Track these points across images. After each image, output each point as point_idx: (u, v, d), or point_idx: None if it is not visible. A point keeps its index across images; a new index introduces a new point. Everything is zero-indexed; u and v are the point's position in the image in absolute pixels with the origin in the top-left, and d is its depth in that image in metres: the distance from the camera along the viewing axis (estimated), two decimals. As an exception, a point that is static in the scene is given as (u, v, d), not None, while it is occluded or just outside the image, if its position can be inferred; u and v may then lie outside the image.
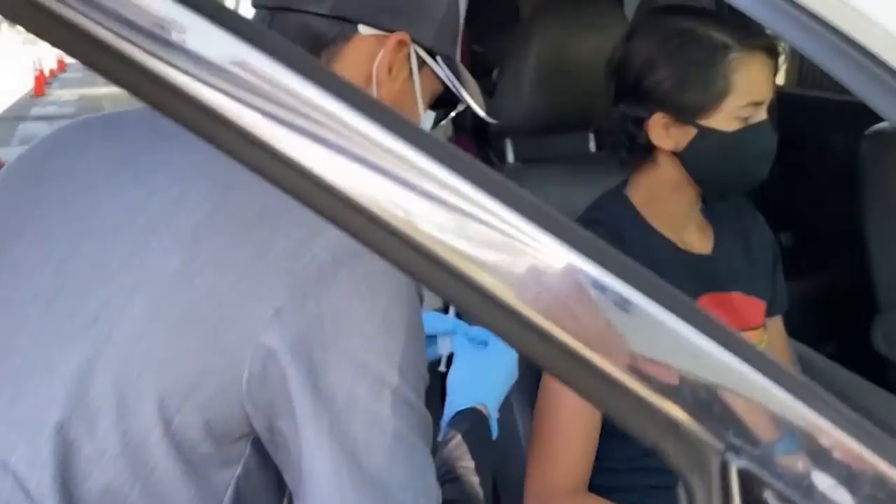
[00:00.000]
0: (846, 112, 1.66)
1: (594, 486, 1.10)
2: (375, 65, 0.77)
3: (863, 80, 0.67)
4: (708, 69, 1.05)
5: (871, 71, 0.66)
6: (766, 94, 1.07)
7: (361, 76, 0.78)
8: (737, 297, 1.18)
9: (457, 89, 0.84)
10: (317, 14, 0.75)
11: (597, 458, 1.08)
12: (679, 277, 1.12)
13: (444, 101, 0.88)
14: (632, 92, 1.11)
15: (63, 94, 12.37)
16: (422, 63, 0.81)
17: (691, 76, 1.05)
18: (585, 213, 1.20)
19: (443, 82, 0.83)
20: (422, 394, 0.69)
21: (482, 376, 0.94)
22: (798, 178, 2.01)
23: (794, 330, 1.47)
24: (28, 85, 12.43)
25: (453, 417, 0.88)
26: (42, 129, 9.27)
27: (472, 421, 0.87)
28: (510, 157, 1.51)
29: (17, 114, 10.34)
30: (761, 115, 1.08)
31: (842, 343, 2.24)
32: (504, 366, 0.97)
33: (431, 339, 1.04)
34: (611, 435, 1.10)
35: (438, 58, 0.82)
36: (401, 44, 0.78)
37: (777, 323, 1.29)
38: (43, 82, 12.69)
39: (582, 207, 1.38)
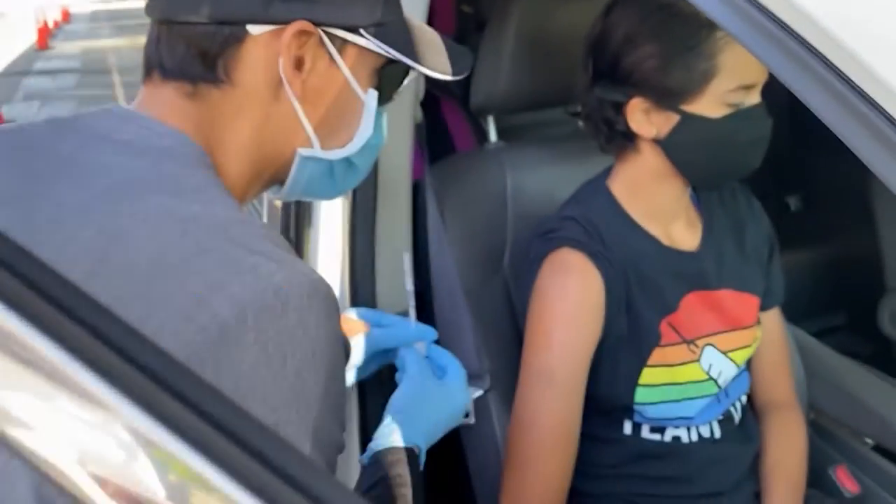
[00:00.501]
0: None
1: (578, 493, 1.06)
2: (280, 65, 0.70)
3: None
4: (692, 49, 0.95)
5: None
6: (758, 76, 0.97)
7: (270, 80, 0.71)
8: (726, 296, 1.09)
9: (392, 55, 0.75)
10: (198, 23, 0.68)
11: (582, 462, 1.03)
12: (663, 277, 1.04)
13: (394, 67, 0.80)
14: (609, 73, 1.01)
15: (67, 48, 12.20)
16: (342, 42, 0.73)
17: (674, 56, 0.95)
18: (562, 210, 1.12)
19: (383, 52, 0.75)
20: (335, 462, 0.63)
21: (429, 412, 0.89)
22: (809, 139, 1.90)
23: (799, 301, 1.39)
24: (31, 38, 12.26)
25: (380, 453, 0.83)
26: (46, 85, 9.22)
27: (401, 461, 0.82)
28: (493, 136, 1.41)
29: (21, 68, 10.21)
30: (753, 98, 0.98)
31: (848, 316, 2.16)
32: (455, 407, 0.92)
33: (389, 352, 0.97)
34: (596, 440, 1.05)
35: (363, 31, 0.73)
36: (302, 33, 0.70)
37: (773, 316, 1.21)
38: (47, 34, 12.48)
39: (562, 193, 1.30)
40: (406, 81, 0.83)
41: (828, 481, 1.28)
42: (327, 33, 0.72)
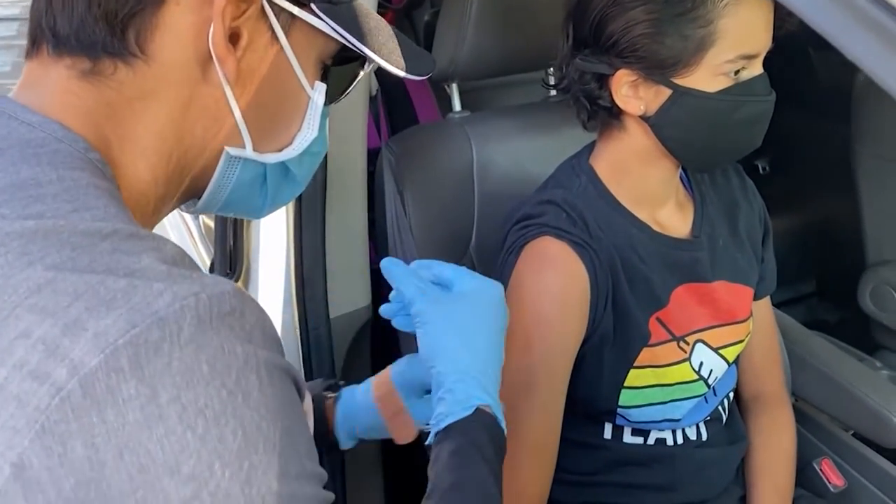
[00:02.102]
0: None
1: (551, 502, 0.95)
2: (210, 36, 0.55)
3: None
4: (687, 13, 0.83)
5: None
6: (761, 45, 0.86)
7: (195, 57, 0.55)
8: (719, 288, 1.00)
9: (351, 42, 0.61)
10: None
11: (559, 470, 0.93)
12: (653, 268, 0.94)
13: (345, 60, 0.66)
14: (592, 41, 0.89)
15: (2, -2, 11.59)
16: (289, 18, 0.59)
17: (665, 22, 0.83)
18: (541, 192, 1.00)
19: (336, 35, 0.61)
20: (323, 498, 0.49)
21: (467, 335, 0.70)
22: (784, 99, 1.82)
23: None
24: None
25: (445, 431, 0.66)
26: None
27: (468, 436, 0.66)
28: (456, 105, 1.29)
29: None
30: (755, 69, 0.86)
31: (817, 284, 2.12)
32: (485, 307, 0.72)
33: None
34: (573, 444, 0.95)
35: (314, 5, 0.59)
36: None
37: (764, 304, 1.12)
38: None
39: (534, 167, 1.19)
40: (358, 79, 0.69)
41: (812, 475, 1.22)
42: (272, 3, 0.57)
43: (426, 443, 0.69)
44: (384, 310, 0.77)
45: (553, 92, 1.34)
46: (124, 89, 0.55)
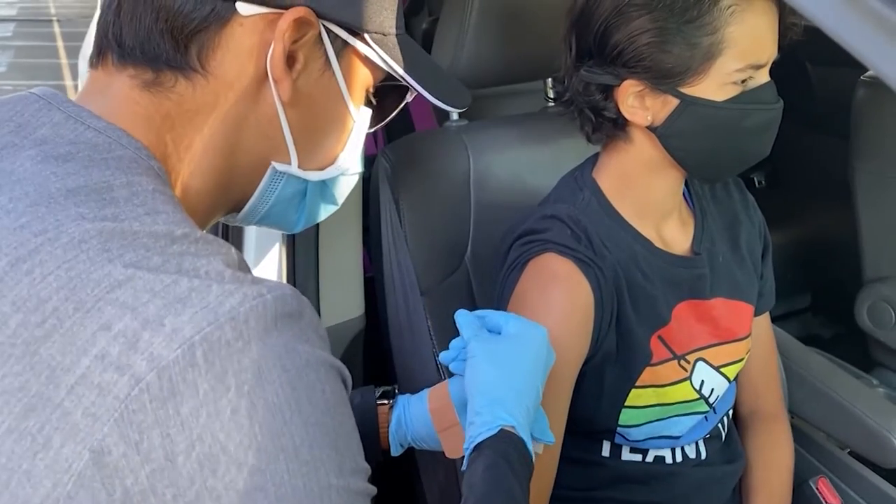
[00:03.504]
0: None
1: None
2: (268, 56, 0.57)
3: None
4: (693, 21, 0.81)
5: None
6: (768, 53, 0.84)
7: (252, 76, 0.58)
8: (718, 305, 0.98)
9: (395, 70, 0.64)
10: None
11: (556, 486, 0.91)
12: (656, 286, 0.92)
13: (389, 87, 0.69)
14: (596, 51, 0.88)
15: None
16: (342, 45, 0.61)
17: (672, 30, 0.82)
18: (544, 206, 0.98)
19: (385, 65, 0.64)
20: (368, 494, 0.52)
21: (504, 372, 0.72)
22: (781, 114, 1.82)
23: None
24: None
25: (475, 450, 0.68)
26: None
27: (497, 451, 0.67)
28: (454, 114, 1.27)
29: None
30: (762, 77, 0.85)
31: (812, 299, 2.12)
32: (531, 349, 0.74)
33: None
34: (569, 461, 0.93)
35: (367, 35, 0.62)
36: (302, 23, 0.57)
37: (763, 321, 1.11)
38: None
39: (532, 178, 1.18)
40: (401, 107, 0.72)
41: (808, 493, 1.20)
42: (328, 30, 0.60)
43: (461, 469, 0.71)
44: (444, 357, 0.80)
45: (552, 102, 1.33)
46: (183, 101, 0.57)
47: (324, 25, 0.59)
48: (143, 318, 0.45)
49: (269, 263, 1.10)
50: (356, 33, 0.62)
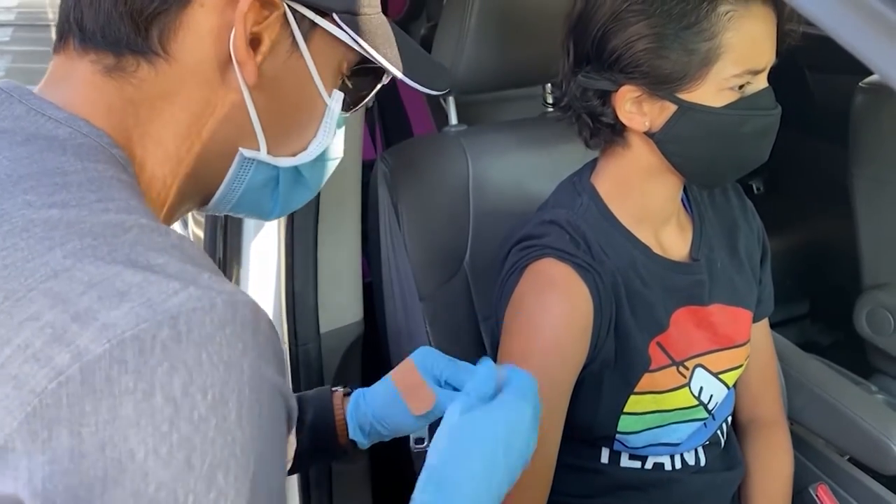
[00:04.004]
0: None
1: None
2: (231, 39, 0.55)
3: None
4: (691, 26, 0.81)
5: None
6: (766, 58, 0.84)
7: (216, 59, 0.56)
8: (717, 311, 0.98)
9: (370, 53, 0.62)
10: None
11: (554, 493, 0.91)
12: (654, 292, 0.92)
13: (363, 70, 0.66)
14: (594, 57, 0.87)
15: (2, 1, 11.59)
16: (310, 26, 0.59)
17: (669, 36, 0.82)
18: (542, 212, 0.97)
19: (357, 46, 0.61)
20: None
21: (459, 456, 0.63)
22: (780, 120, 1.82)
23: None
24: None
25: None
26: (-20, 41, 8.74)
27: None
28: (453, 119, 1.27)
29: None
30: (760, 83, 0.85)
31: (811, 305, 2.12)
32: (503, 433, 0.64)
33: None
34: (568, 468, 0.93)
35: (336, 15, 0.60)
36: (265, 3, 0.55)
37: (762, 326, 1.10)
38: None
39: (531, 183, 1.18)
40: (376, 89, 0.69)
41: (808, 500, 1.19)
42: (294, 11, 0.58)
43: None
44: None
45: (550, 107, 1.33)
46: (146, 87, 0.55)
47: (289, 5, 0.57)
48: (74, 311, 0.42)
49: (268, 268, 1.10)
50: (325, 14, 0.59)
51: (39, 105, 0.53)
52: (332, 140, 0.65)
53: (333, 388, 0.86)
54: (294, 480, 1.08)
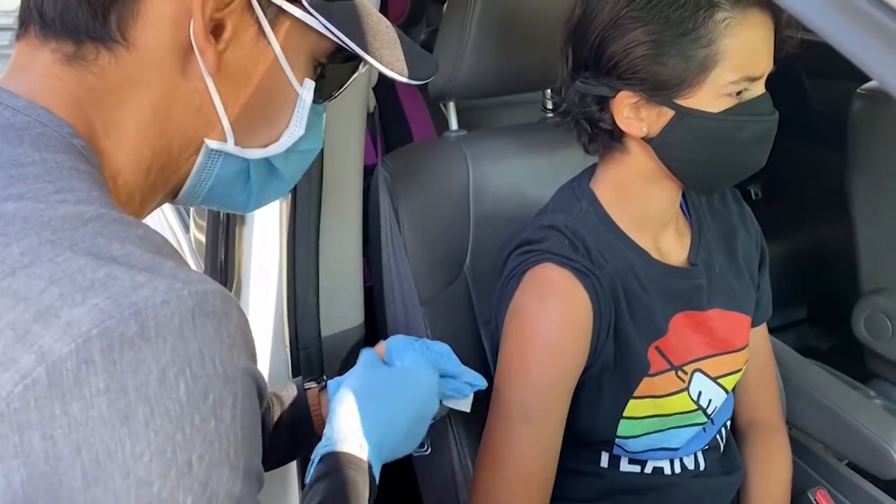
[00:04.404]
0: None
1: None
2: (191, 26, 0.54)
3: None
4: (688, 33, 0.82)
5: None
6: (763, 65, 0.85)
7: (177, 46, 0.54)
8: (715, 316, 0.98)
9: (342, 39, 0.60)
10: None
11: (554, 497, 0.91)
12: (652, 297, 0.92)
13: (339, 59, 0.64)
14: (592, 63, 0.88)
15: (3, 3, 11.57)
16: (277, 12, 0.57)
17: (667, 42, 0.82)
18: (541, 217, 0.98)
19: (328, 33, 0.60)
20: None
21: (369, 403, 0.74)
22: (777, 125, 1.83)
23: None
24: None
25: (317, 464, 0.70)
26: (-24, 44, 8.74)
27: (330, 470, 0.69)
28: (453, 124, 1.28)
29: (-55, 26, 9.61)
30: (757, 89, 0.85)
31: (808, 311, 2.12)
32: (416, 392, 0.77)
33: None
34: (567, 472, 0.93)
35: (305, 1, 0.58)
36: None
37: (760, 331, 1.11)
38: (-26, -10, 11.78)
39: (530, 188, 1.18)
40: (352, 79, 0.67)
41: (807, 504, 1.20)
42: None
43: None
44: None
45: (550, 113, 1.34)
46: (107, 75, 0.54)
47: None
48: (36, 309, 0.40)
49: (269, 272, 1.10)
50: (293, 0, 0.57)
51: None
52: (304, 130, 0.63)
53: (306, 386, 0.88)
54: (294, 483, 1.08)
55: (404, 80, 0.64)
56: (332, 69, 0.64)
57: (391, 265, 1.16)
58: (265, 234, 1.09)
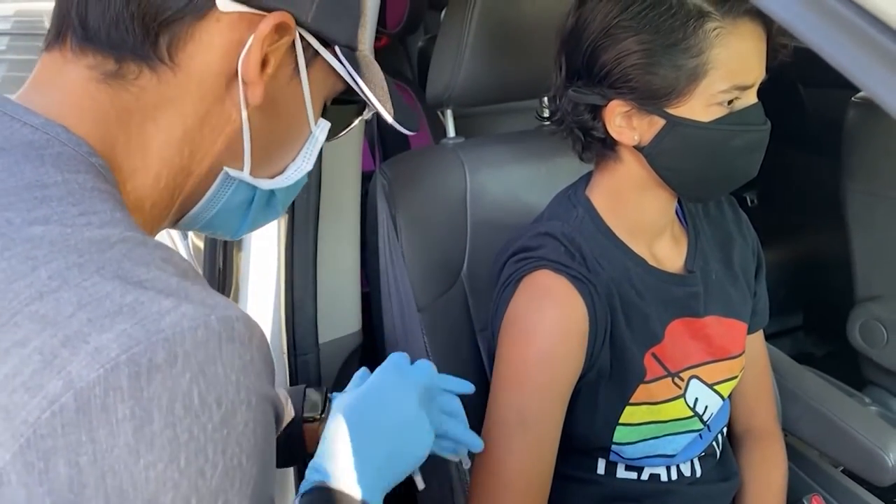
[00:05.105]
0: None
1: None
2: (241, 56, 0.54)
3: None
4: (679, 43, 0.82)
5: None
6: (754, 75, 0.85)
7: (221, 72, 0.55)
8: (712, 323, 0.98)
9: (362, 89, 0.62)
10: None
11: (551, 503, 0.91)
12: (649, 303, 0.93)
13: (345, 104, 0.67)
14: (585, 72, 0.89)
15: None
16: (313, 55, 0.59)
17: (658, 52, 0.83)
18: (537, 224, 0.98)
19: (344, 81, 0.62)
20: None
21: (353, 430, 0.71)
22: (772, 133, 1.84)
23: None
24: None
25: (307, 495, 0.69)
26: (-29, 49, 8.73)
27: None
28: (451, 131, 1.28)
29: (-58, 31, 9.62)
30: (749, 98, 0.86)
31: (804, 317, 2.13)
32: (387, 421, 0.73)
33: None
34: (564, 479, 0.94)
35: (337, 48, 0.60)
36: (281, 28, 0.55)
37: (756, 338, 1.11)
38: (-29, -4, 11.78)
39: (527, 195, 1.19)
40: (354, 125, 0.70)
41: (802, 511, 1.20)
42: (302, 38, 0.58)
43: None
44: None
45: (546, 121, 1.34)
46: (144, 95, 0.54)
47: (298, 32, 0.57)
48: (64, 334, 0.40)
49: (268, 279, 1.10)
50: (328, 45, 0.59)
51: (14, 110, 0.51)
52: (312, 166, 0.65)
53: (305, 417, 0.88)
54: (290, 486, 1.08)
55: (400, 128, 0.67)
56: (338, 111, 0.66)
57: (389, 272, 1.17)
58: (263, 240, 1.10)
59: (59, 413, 0.38)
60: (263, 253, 1.10)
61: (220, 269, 1.15)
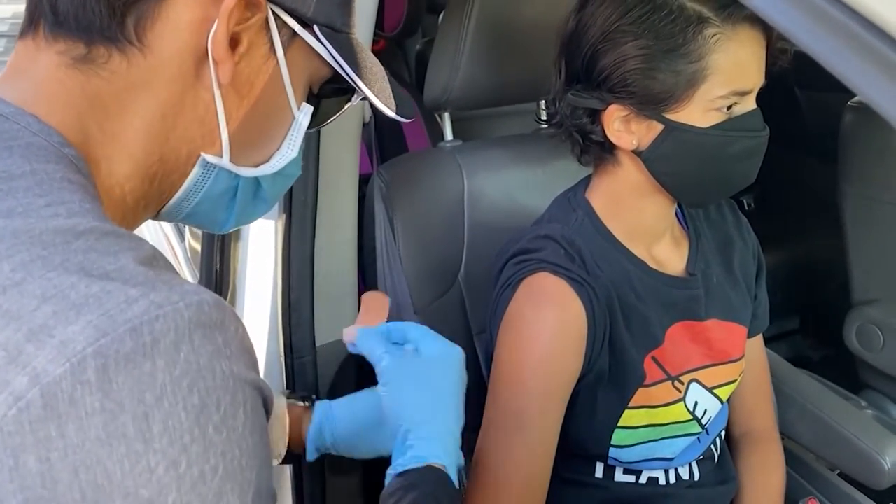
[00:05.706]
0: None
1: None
2: (210, 36, 0.53)
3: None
4: (678, 48, 0.82)
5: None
6: (753, 81, 0.85)
7: (191, 53, 0.54)
8: (712, 326, 0.98)
9: (346, 70, 0.60)
10: None
11: None
12: (649, 306, 0.93)
13: (331, 89, 0.65)
14: (584, 76, 0.89)
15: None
16: (290, 35, 0.58)
17: (657, 57, 0.83)
18: (537, 226, 0.98)
19: (330, 66, 0.61)
20: None
21: (435, 396, 0.73)
22: (770, 137, 1.84)
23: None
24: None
25: (398, 477, 0.68)
26: (-30, 51, 8.70)
27: (423, 486, 0.67)
28: (448, 134, 1.28)
29: (-60, 33, 9.60)
30: (748, 104, 0.86)
31: (800, 321, 2.13)
32: (450, 370, 0.76)
33: None
34: (562, 482, 0.93)
35: (317, 28, 0.58)
36: (249, 4, 0.54)
37: (756, 342, 1.11)
38: (-31, -3, 11.76)
39: (525, 198, 1.19)
40: (344, 110, 0.68)
41: (798, 514, 1.20)
42: (276, 17, 0.57)
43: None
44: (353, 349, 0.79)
45: (544, 124, 1.35)
46: (115, 79, 0.53)
47: (272, 10, 0.56)
48: (28, 328, 0.39)
49: (265, 281, 1.10)
50: (306, 25, 0.58)
51: None
52: (297, 154, 0.63)
53: (288, 400, 0.87)
54: (288, 493, 1.08)
55: (392, 114, 0.65)
56: (324, 98, 0.64)
57: (386, 274, 1.17)
58: (260, 242, 1.10)
59: (25, 409, 0.38)
60: (260, 255, 1.10)
61: (217, 271, 1.15)
